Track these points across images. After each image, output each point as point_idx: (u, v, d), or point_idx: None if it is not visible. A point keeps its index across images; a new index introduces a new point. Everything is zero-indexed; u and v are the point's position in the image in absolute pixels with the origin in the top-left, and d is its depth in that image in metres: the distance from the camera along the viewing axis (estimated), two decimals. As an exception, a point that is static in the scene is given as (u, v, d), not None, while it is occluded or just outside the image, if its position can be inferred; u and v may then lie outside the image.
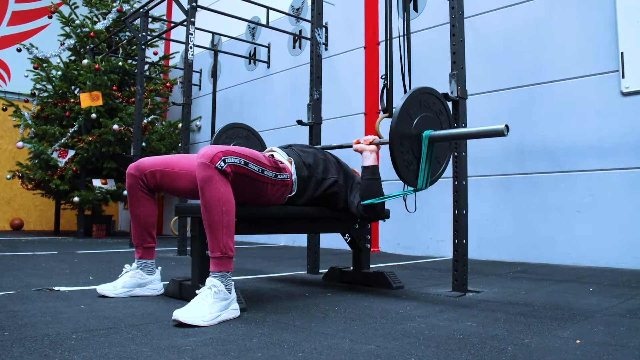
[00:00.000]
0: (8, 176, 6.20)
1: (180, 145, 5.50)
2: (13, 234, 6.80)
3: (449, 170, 2.10)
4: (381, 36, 4.62)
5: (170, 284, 1.97)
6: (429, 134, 1.84)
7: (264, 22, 4.77)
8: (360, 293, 2.12)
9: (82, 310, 1.63)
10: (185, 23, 3.74)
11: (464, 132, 1.85)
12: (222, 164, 1.61)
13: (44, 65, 6.18)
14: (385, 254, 4.28)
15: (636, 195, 3.10)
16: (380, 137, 2.13)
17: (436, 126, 1.91)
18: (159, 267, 2.08)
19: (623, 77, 3.19)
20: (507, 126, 1.66)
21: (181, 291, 1.88)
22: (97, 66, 5.72)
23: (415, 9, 4.42)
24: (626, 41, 3.19)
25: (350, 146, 2.17)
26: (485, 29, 3.93)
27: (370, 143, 2.06)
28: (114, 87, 6.08)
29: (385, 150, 2.01)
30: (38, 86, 6.42)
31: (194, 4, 3.61)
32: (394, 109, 1.82)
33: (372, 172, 2.00)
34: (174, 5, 5.95)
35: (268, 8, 4.57)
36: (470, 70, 3.02)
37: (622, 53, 3.19)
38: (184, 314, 1.44)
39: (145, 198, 1.98)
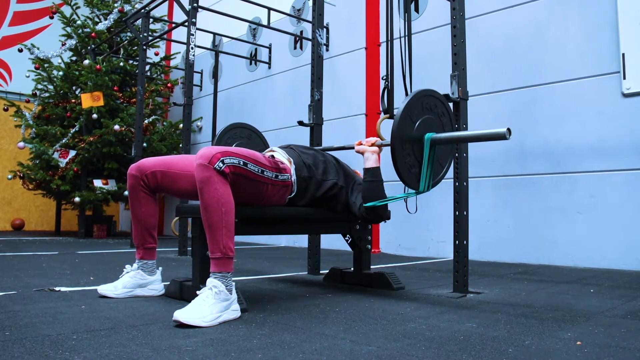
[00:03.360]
0: (9, 176, 6.21)
1: (181, 145, 5.49)
2: (14, 234, 6.81)
3: (449, 172, 2.10)
4: (382, 37, 4.62)
5: (171, 285, 1.97)
6: (430, 136, 1.84)
7: (265, 22, 4.77)
8: (361, 294, 2.12)
9: (82, 311, 1.63)
10: (186, 24, 3.74)
11: (465, 135, 1.85)
12: (221, 164, 1.61)
13: (45, 65, 6.19)
14: (386, 254, 4.27)
15: (637, 196, 3.10)
16: (381, 139, 2.13)
17: (438, 128, 1.90)
18: (160, 268, 2.08)
19: (624, 78, 3.19)
20: (509, 130, 1.66)
21: (182, 292, 1.88)
22: (98, 66, 5.73)
23: (417, 9, 4.42)
24: (627, 42, 3.18)
25: (352, 147, 2.18)
26: (486, 30, 3.93)
27: (372, 145, 2.06)
28: (115, 88, 6.09)
29: (386, 151, 2.01)
30: (39, 86, 6.43)
31: (195, 4, 3.61)
32: (395, 113, 1.82)
33: (373, 174, 2.00)
34: (175, 5, 5.96)
35: (269, 9, 4.57)
36: (471, 71, 3.02)
37: (623, 54, 3.19)
38: (184, 314, 1.44)
39: (146, 198, 1.98)
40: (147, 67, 6.65)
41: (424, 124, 1.85)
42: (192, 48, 3.63)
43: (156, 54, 6.95)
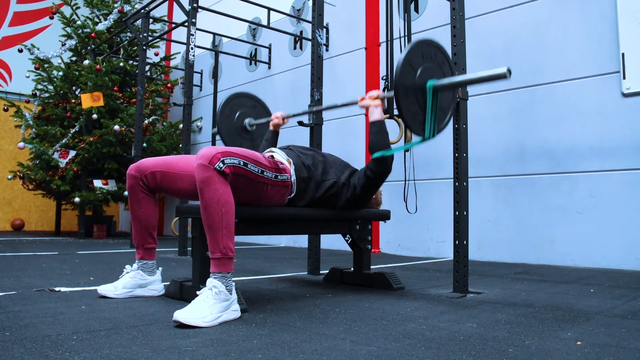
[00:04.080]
0: (9, 176, 6.21)
1: (181, 146, 5.50)
2: (14, 234, 6.81)
3: (449, 171, 2.10)
4: (382, 37, 4.62)
5: (171, 285, 1.97)
6: (432, 83, 1.84)
7: (265, 23, 4.77)
8: (361, 294, 2.11)
9: (82, 311, 1.63)
10: (186, 24, 3.74)
11: (466, 78, 1.84)
12: (221, 164, 1.61)
13: (45, 65, 6.19)
14: (386, 255, 4.27)
15: (637, 196, 3.10)
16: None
17: (439, 77, 1.91)
18: (160, 268, 2.08)
19: (624, 78, 3.19)
20: (509, 70, 1.67)
21: (182, 292, 1.88)
22: (98, 67, 5.73)
23: (416, 10, 4.42)
24: (627, 42, 3.18)
25: (356, 103, 2.17)
26: (486, 30, 3.93)
27: (375, 98, 2.06)
28: (115, 88, 6.09)
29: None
30: (39, 87, 6.43)
31: (194, 4, 3.61)
32: (395, 63, 1.82)
33: (378, 126, 2.02)
34: (175, 6, 5.96)
35: (269, 9, 4.57)
36: (471, 71, 3.02)
37: (623, 54, 3.19)
38: (184, 314, 1.44)
39: (146, 199, 1.98)
40: (147, 68, 6.65)
41: (425, 72, 1.85)
42: (192, 48, 3.63)
43: (156, 54, 6.95)
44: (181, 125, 5.11)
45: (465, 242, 2.13)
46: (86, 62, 5.88)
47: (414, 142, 1.93)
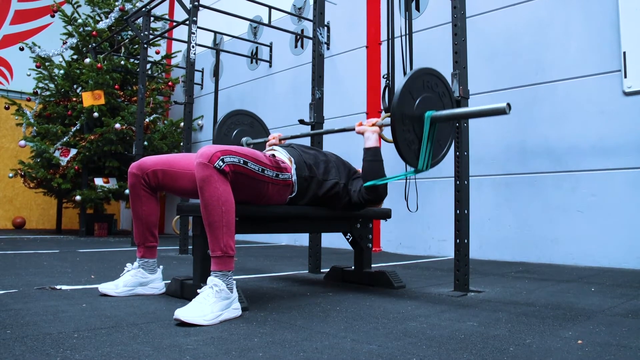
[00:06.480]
0: (10, 175, 6.22)
1: (182, 144, 5.50)
2: (15, 232, 6.82)
3: (450, 170, 2.10)
4: (383, 35, 4.61)
5: (172, 283, 1.97)
6: (431, 114, 1.83)
7: (266, 21, 4.76)
8: (362, 292, 2.12)
9: (83, 309, 1.63)
10: (187, 22, 3.74)
11: (466, 111, 1.84)
12: (221, 163, 1.61)
13: (47, 64, 6.20)
14: (386, 253, 4.27)
15: (638, 195, 3.09)
16: (384, 139, 2.13)
17: (439, 108, 1.90)
18: (161, 266, 2.08)
19: (625, 76, 3.18)
20: (508, 105, 1.67)
21: (183, 290, 1.89)
22: (99, 65, 5.73)
23: (417, 8, 4.41)
24: (628, 41, 3.18)
25: (353, 129, 2.18)
26: (487, 29, 3.92)
27: (373, 125, 2.07)
28: (116, 86, 6.09)
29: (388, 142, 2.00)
30: (40, 85, 6.44)
31: (196, 3, 3.61)
32: (395, 89, 1.82)
33: (374, 153, 2.01)
34: (176, 4, 5.96)
35: (270, 7, 4.56)
36: (472, 70, 3.02)
37: (624, 53, 3.18)
38: (185, 313, 1.45)
39: (147, 197, 1.98)
40: (148, 66, 6.65)
41: (424, 102, 1.84)
42: (193, 47, 3.63)
43: (157, 53, 6.94)
44: (182, 124, 5.11)
45: (466, 240, 2.12)
46: (87, 60, 5.89)
47: (408, 172, 1.91)
